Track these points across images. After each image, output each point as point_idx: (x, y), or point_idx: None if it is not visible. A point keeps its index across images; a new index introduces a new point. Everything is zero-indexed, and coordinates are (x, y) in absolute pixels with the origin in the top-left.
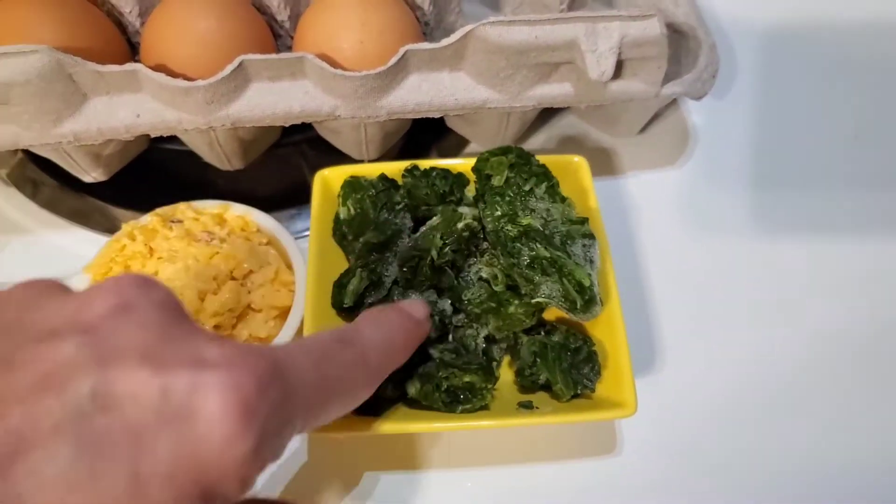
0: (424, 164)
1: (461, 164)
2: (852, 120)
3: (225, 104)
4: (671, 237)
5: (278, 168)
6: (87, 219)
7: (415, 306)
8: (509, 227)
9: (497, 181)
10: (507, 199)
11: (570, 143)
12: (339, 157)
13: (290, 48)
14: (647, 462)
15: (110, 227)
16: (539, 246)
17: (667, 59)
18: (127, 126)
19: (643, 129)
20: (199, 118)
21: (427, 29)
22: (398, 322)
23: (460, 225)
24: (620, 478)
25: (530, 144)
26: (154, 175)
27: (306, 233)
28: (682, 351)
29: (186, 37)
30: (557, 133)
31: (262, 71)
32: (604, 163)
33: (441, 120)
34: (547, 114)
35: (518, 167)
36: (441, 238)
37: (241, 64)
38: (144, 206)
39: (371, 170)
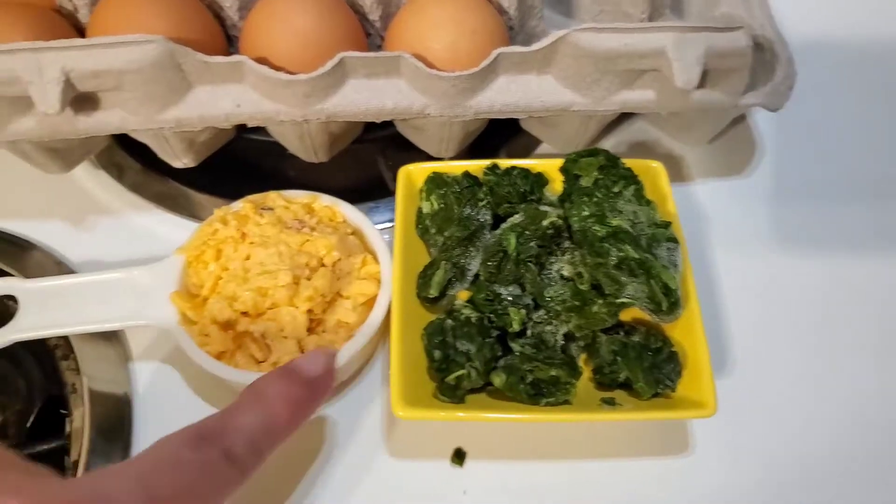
0: (504, 163)
1: (540, 164)
2: None
3: (322, 98)
4: (738, 244)
5: (355, 162)
6: (172, 202)
7: (312, 362)
8: (597, 228)
9: (586, 181)
10: (596, 199)
11: (639, 149)
12: (415, 154)
13: (379, 47)
14: (720, 464)
15: (193, 212)
16: (628, 247)
17: (749, 70)
18: (227, 115)
19: (713, 139)
20: (297, 110)
21: (511, 32)
22: (284, 394)
23: (546, 222)
24: (693, 478)
25: (602, 147)
26: (234, 163)
27: (384, 225)
28: (750, 356)
29: (286, 32)
30: (628, 138)
31: (359, 68)
32: (672, 169)
33: (513, 121)
34: (619, 118)
35: (607, 169)
36: (526, 234)
37: (340, 60)
38: (224, 192)
39: (452, 167)
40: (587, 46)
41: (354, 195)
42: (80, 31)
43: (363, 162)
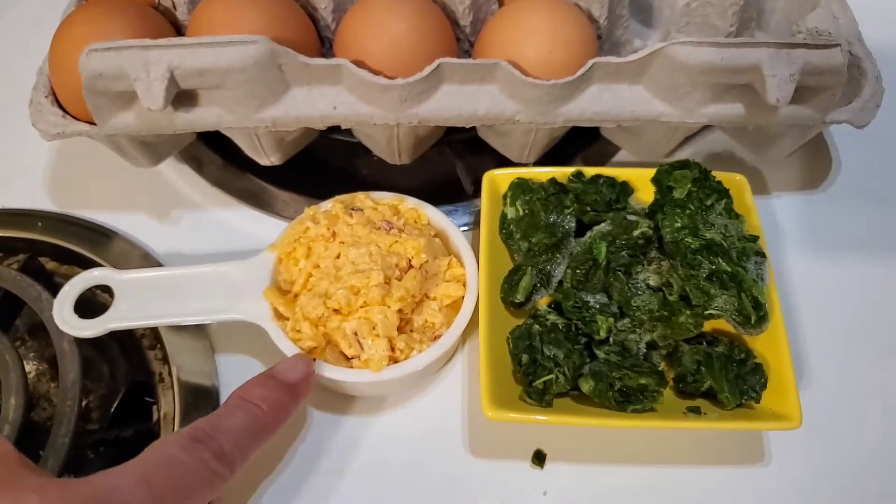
0: (589, 171)
1: (625, 172)
2: None
3: (416, 103)
4: (814, 257)
5: (433, 165)
6: (253, 199)
7: (291, 368)
8: (690, 240)
9: (679, 193)
10: (689, 212)
11: (716, 160)
12: (492, 157)
13: (467, 52)
14: (796, 474)
15: (273, 209)
16: (721, 260)
17: (842, 87)
18: (323, 116)
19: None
20: (391, 114)
21: (598, 41)
22: (266, 397)
23: (636, 232)
24: (768, 488)
25: (677, 158)
26: (315, 162)
27: (462, 228)
28: (827, 367)
29: (382, 37)
30: (705, 148)
31: (455, 74)
32: (751, 182)
33: (593, 128)
34: (699, 129)
35: (700, 182)
36: (618, 244)
37: (438, 66)
38: (304, 190)
39: (536, 174)
40: (684, 59)
41: (432, 197)
42: (178, 28)
43: (441, 164)
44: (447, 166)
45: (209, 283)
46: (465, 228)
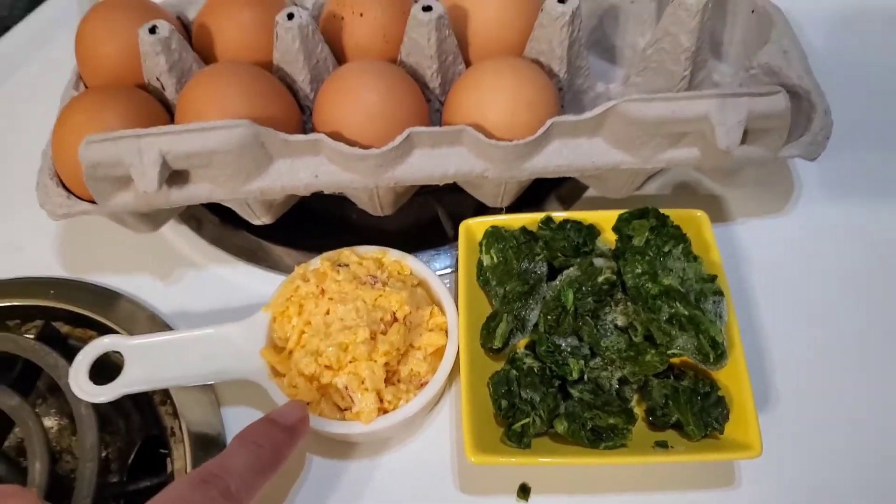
0: (557, 216)
1: (591, 215)
2: None
3: (391, 167)
4: (778, 281)
5: (416, 209)
6: (250, 255)
7: (288, 412)
8: (650, 286)
9: (638, 241)
10: (648, 258)
11: (682, 189)
12: (473, 202)
13: (438, 111)
14: (764, 496)
15: (270, 263)
16: (679, 304)
17: (788, 128)
18: (306, 185)
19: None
20: (369, 179)
21: (560, 93)
22: (267, 439)
23: (601, 279)
24: None
25: (646, 190)
26: (306, 216)
27: (444, 271)
28: (792, 390)
29: (356, 108)
30: (671, 180)
31: (425, 140)
32: (713, 209)
33: None
34: None
35: (657, 230)
36: (584, 290)
37: (408, 136)
38: (297, 243)
39: (509, 220)
40: (637, 115)
41: (416, 240)
42: (167, 106)
43: (423, 209)
44: (429, 210)
45: (212, 344)
46: (448, 270)
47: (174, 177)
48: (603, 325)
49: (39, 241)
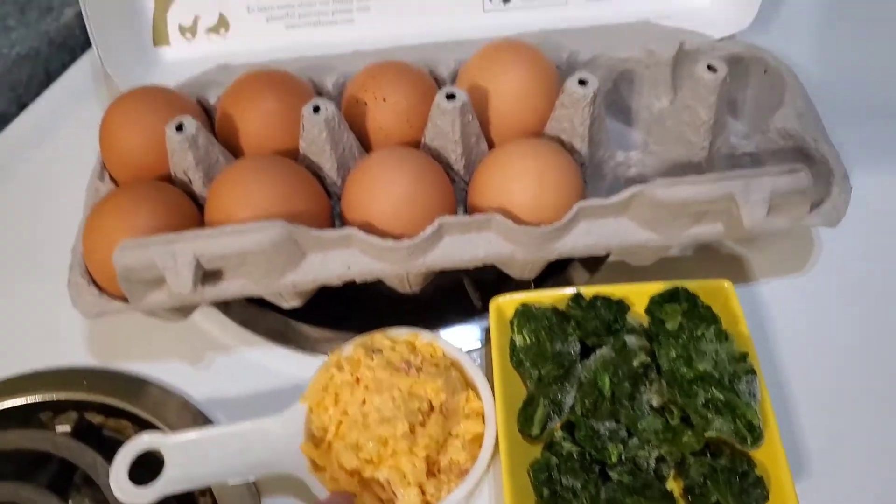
0: (587, 291)
1: (620, 289)
2: None
3: (422, 255)
4: (803, 342)
5: (444, 282)
6: (280, 336)
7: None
8: (685, 370)
9: (671, 326)
10: (681, 342)
11: (705, 250)
12: (498, 270)
13: (464, 190)
14: None
15: (301, 345)
16: (714, 389)
17: (811, 201)
18: (339, 276)
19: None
20: (401, 267)
21: (582, 168)
22: None
23: (636, 363)
24: None
25: (668, 252)
26: (334, 294)
27: (474, 344)
28: (824, 455)
29: (384, 199)
30: (694, 242)
31: (454, 228)
32: (736, 269)
33: None
34: None
35: (689, 313)
36: (619, 375)
37: (439, 226)
38: (328, 322)
39: (538, 297)
40: (662, 198)
41: (443, 311)
42: (194, 198)
43: (448, 278)
44: (455, 279)
45: (251, 439)
46: (478, 345)
47: (207, 275)
48: (639, 407)
49: (68, 329)
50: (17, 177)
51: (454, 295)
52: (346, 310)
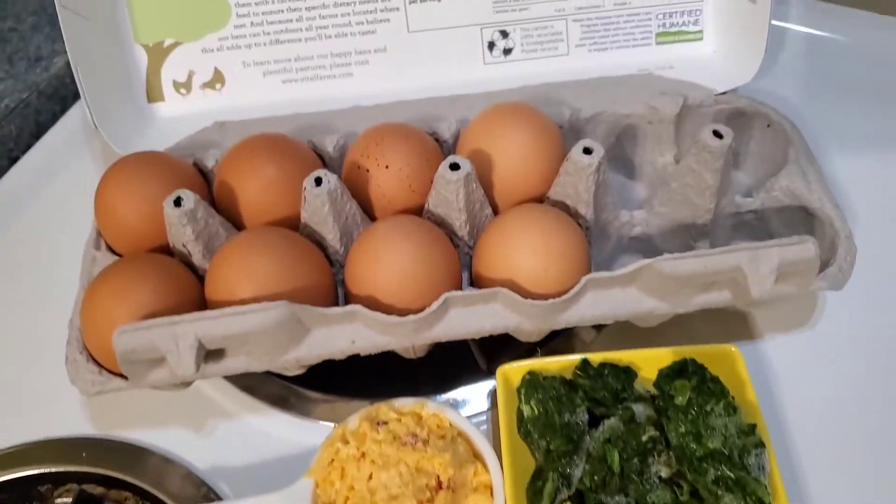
0: (594, 358)
1: (626, 355)
2: None
3: (428, 328)
4: (809, 400)
5: (448, 344)
6: (283, 402)
7: None
8: (695, 446)
9: (680, 401)
10: (690, 417)
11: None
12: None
13: (468, 254)
14: None
15: (304, 411)
16: (724, 467)
17: (818, 269)
18: (343, 350)
19: None
20: (406, 340)
21: (587, 232)
22: None
23: (645, 437)
24: None
25: None
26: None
27: (481, 411)
28: None
29: (389, 272)
30: None
31: (460, 302)
32: (739, 326)
33: None
34: None
35: (698, 388)
36: (628, 451)
37: (445, 300)
38: (328, 388)
39: (545, 364)
40: (671, 271)
41: (447, 372)
42: (193, 269)
43: (456, 342)
44: (461, 343)
45: None
46: (486, 408)
47: (210, 353)
48: (648, 480)
49: (66, 398)
50: (9, 234)
51: (459, 356)
52: (349, 374)
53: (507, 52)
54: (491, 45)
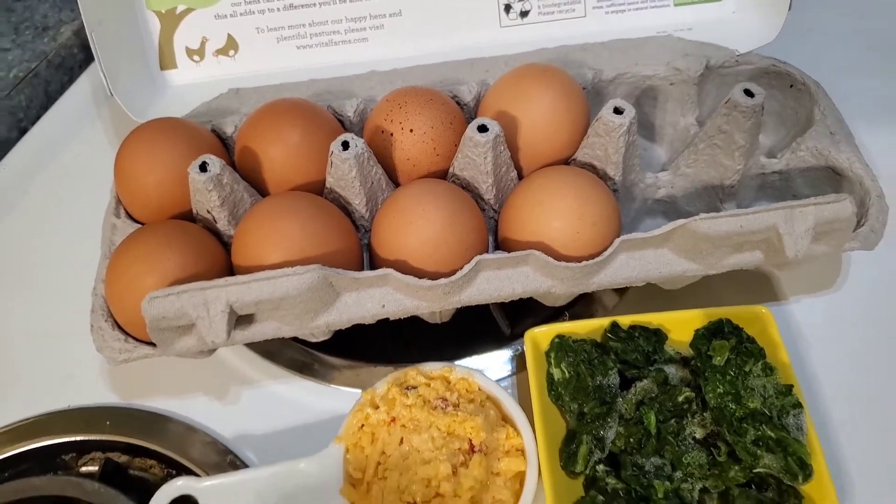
0: (623, 320)
1: (657, 318)
2: None
3: (458, 292)
4: (837, 361)
5: (470, 309)
6: (305, 368)
7: None
8: (733, 406)
9: (718, 361)
10: (729, 378)
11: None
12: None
13: (493, 218)
14: None
15: (326, 376)
16: (765, 427)
17: (853, 228)
18: (373, 314)
19: None
20: (436, 304)
21: (616, 194)
22: None
23: (681, 398)
24: None
25: None
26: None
27: (507, 374)
28: (866, 473)
29: (419, 237)
30: None
31: (491, 265)
32: (766, 288)
33: None
34: None
35: (737, 348)
36: (665, 412)
37: (476, 263)
38: (351, 354)
39: (574, 327)
40: (706, 232)
41: (470, 336)
42: (218, 235)
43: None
44: (484, 308)
45: (287, 482)
46: (509, 373)
47: (239, 319)
48: (683, 441)
49: (88, 367)
50: (23, 205)
51: (482, 321)
52: (370, 340)
53: (523, 14)
54: (507, 8)
